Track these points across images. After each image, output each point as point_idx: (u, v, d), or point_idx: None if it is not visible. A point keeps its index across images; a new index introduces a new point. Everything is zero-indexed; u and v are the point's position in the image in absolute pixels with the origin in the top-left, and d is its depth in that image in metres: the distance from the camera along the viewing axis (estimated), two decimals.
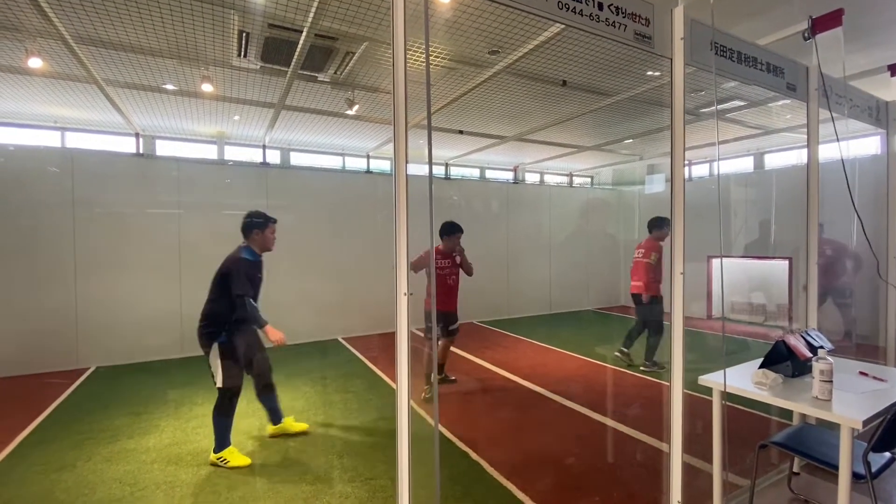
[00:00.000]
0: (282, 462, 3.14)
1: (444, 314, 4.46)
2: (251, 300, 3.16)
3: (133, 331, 5.65)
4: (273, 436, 3.53)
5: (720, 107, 6.06)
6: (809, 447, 2.26)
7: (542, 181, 10.83)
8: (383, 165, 8.80)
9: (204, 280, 6.23)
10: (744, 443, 3.09)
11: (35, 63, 3.88)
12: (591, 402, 4.21)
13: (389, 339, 5.03)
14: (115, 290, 5.56)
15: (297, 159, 8.06)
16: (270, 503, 2.65)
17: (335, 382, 4.88)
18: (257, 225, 3.33)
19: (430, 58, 3.71)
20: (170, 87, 4.96)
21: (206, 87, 4.57)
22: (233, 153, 7.47)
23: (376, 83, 5.02)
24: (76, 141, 6.52)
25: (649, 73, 4.77)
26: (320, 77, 4.70)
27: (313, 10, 3.24)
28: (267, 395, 3.50)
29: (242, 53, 4.09)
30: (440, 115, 6.01)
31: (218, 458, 3.08)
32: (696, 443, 2.75)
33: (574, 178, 11.35)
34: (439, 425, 3.51)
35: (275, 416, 3.54)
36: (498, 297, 8.39)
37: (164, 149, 7.04)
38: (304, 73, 4.53)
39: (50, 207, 5.26)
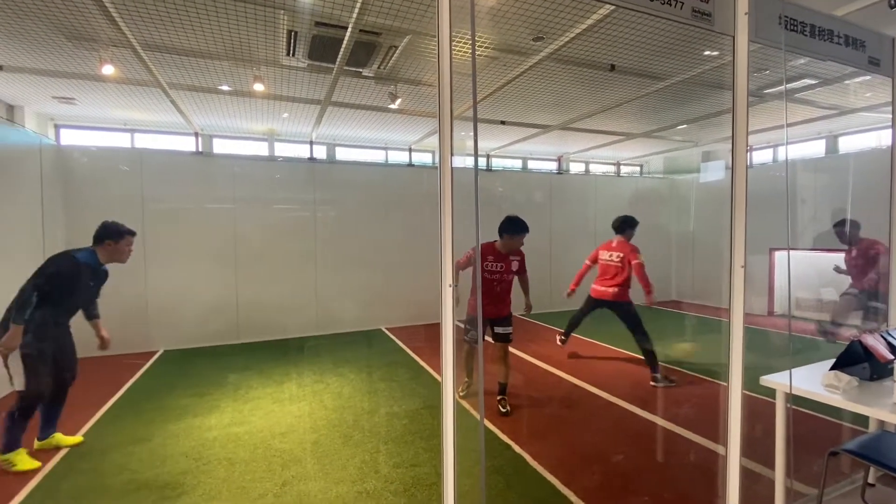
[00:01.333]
0: (331, 445, 3.27)
1: (491, 319, 3.92)
2: (42, 297, 2.88)
3: (196, 317, 6.06)
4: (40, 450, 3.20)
5: (788, 86, 5.60)
6: (888, 457, 2.08)
7: (587, 171, 10.50)
8: (425, 158, 8.86)
9: (257, 270, 6.57)
10: (810, 449, 2.88)
11: (108, 70, 4.20)
12: (639, 399, 4.08)
13: (432, 331, 5.10)
14: (179, 280, 5.97)
15: (342, 154, 8.27)
16: (320, 483, 2.78)
17: (379, 371, 5.01)
18: (111, 236, 3.15)
19: (462, 43, 3.68)
20: (225, 87, 5.22)
21: (258, 87, 4.77)
22: (282, 149, 7.78)
23: (418, 76, 5.03)
24: (144, 141, 7.03)
25: (707, 52, 4.48)
26: (364, 72, 4.77)
27: (358, 5, 3.29)
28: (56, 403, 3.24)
29: (291, 52, 4.22)
30: (482, 105, 5.95)
31: (4, 460, 2.93)
32: (756, 446, 2.60)
33: (622, 167, 10.92)
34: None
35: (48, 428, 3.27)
36: (540, 290, 8.25)
37: (220, 147, 7.43)
38: (349, 69, 4.62)
39: (122, 203, 5.71)
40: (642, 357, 4.75)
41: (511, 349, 4.17)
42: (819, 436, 3.32)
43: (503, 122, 6.80)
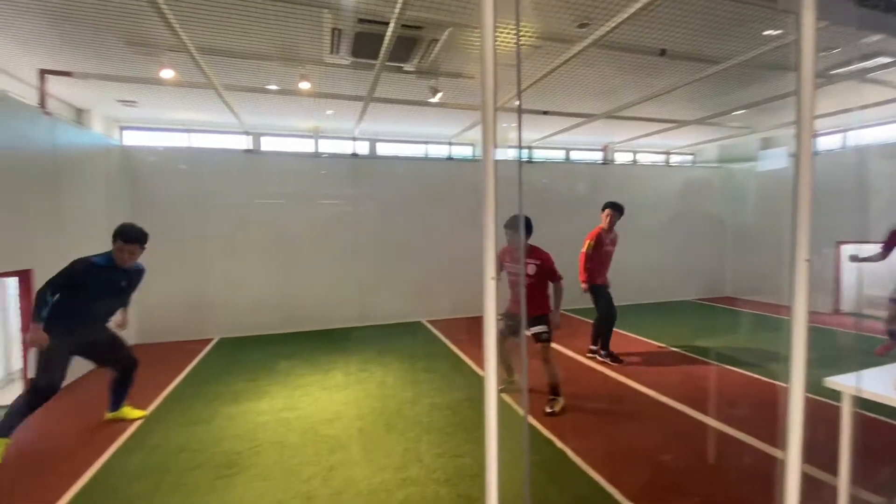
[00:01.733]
0: (375, 432, 3.37)
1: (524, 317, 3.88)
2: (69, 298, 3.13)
3: (246, 307, 6.38)
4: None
5: (861, 65, 5.14)
6: None
7: (634, 161, 10.11)
8: (464, 152, 8.84)
9: (302, 263, 6.79)
10: (880, 457, 2.67)
11: (167, 73, 4.47)
12: (689, 398, 3.92)
13: (473, 323, 5.10)
14: (231, 272, 6.30)
15: (383, 149, 8.39)
16: (365, 469, 2.87)
17: (421, 362, 5.09)
18: (113, 238, 3.26)
19: (506, 32, 3.60)
20: (273, 86, 5.42)
21: (304, 85, 4.92)
22: (326, 146, 7.99)
23: (459, 69, 5.02)
24: (199, 140, 7.43)
25: (767, 32, 4.18)
26: (406, 67, 4.81)
27: (401, 0, 3.31)
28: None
29: (334, 50, 4.32)
30: (524, 95, 5.85)
31: None
32: (818, 452, 2.44)
33: (672, 156, 10.43)
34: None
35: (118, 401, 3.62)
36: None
37: (268, 144, 7.74)
38: (391, 64, 4.67)
39: (180, 199, 6.08)
40: (697, 355, 4.59)
41: (553, 345, 4.11)
42: (890, 443, 3.07)
43: (546, 113, 6.66)
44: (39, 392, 3.10)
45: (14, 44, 4.15)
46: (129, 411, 3.66)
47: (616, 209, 5.08)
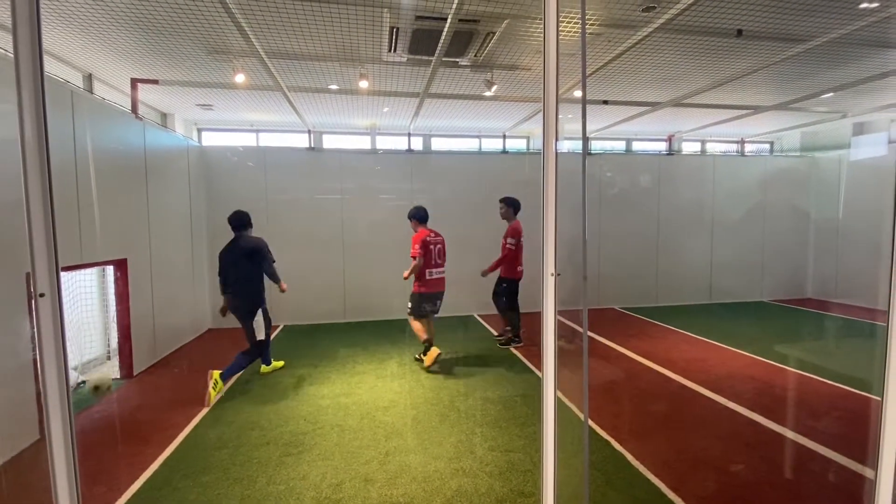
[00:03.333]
0: (429, 422, 3.44)
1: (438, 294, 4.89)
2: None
3: (309, 297, 6.73)
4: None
5: None
6: None
7: (702, 150, 9.47)
8: (518, 145, 8.71)
9: (361, 256, 6.99)
10: None
11: (240, 78, 4.78)
12: (763, 406, 3.64)
13: (525, 319, 4.97)
14: (295, 263, 6.66)
15: (437, 144, 8.46)
16: (420, 457, 2.94)
17: (472, 356, 5.12)
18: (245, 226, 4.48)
19: (577, 25, 3.48)
20: (334, 86, 5.63)
21: (363, 84, 5.07)
22: (383, 142, 8.20)
23: (514, 61, 4.94)
24: (266, 140, 7.90)
25: (864, 5, 3.74)
26: (461, 62, 4.81)
27: None
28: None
29: (393, 48, 4.41)
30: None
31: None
32: None
33: (747, 144, 9.65)
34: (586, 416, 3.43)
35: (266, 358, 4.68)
36: (645, 282, 7.71)
37: (329, 142, 8.07)
38: (446, 59, 4.69)
39: (249, 194, 6.51)
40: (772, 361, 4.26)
41: (611, 343, 4.00)
42: None
43: (605, 102, 6.41)
44: (258, 348, 4.34)
45: (109, 56, 4.62)
46: (276, 364, 4.77)
47: (510, 204, 5.37)
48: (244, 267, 4.26)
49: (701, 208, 7.86)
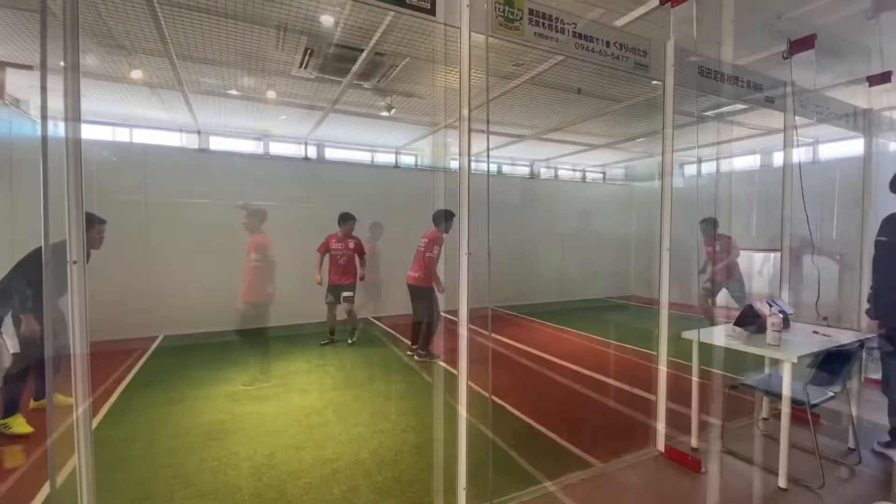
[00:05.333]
0: (344, 401, 3.88)
1: (340, 287, 5.70)
2: None
3: (190, 305, 6.46)
4: None
5: (725, 109, 6.62)
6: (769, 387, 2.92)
7: (556, 176, 11.42)
8: (408, 161, 9.50)
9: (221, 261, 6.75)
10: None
11: (137, 74, 4.65)
12: (594, 366, 4.89)
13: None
14: (182, 268, 6.36)
15: (330, 154, 8.78)
16: (341, 427, 3.38)
17: (368, 350, 5.62)
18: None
19: (473, 72, 4.41)
20: (234, 91, 5.70)
21: (271, 94, 5.30)
22: (276, 148, 8.23)
23: (410, 90, 5.70)
24: (142, 136, 7.33)
25: (655, 81, 5.37)
26: (365, 85, 5.40)
27: (378, 34, 3.93)
28: None
29: (304, 66, 4.80)
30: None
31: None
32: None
33: (587, 173, 11.91)
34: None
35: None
36: (514, 285, 9.06)
37: (216, 144, 7.82)
38: (355, 82, 5.23)
39: (125, 194, 6.07)
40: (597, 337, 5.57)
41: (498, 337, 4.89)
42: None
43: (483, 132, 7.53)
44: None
45: None
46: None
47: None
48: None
49: (554, 222, 9.58)
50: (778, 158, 9.04)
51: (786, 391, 2.58)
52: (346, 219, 5.78)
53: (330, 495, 2.52)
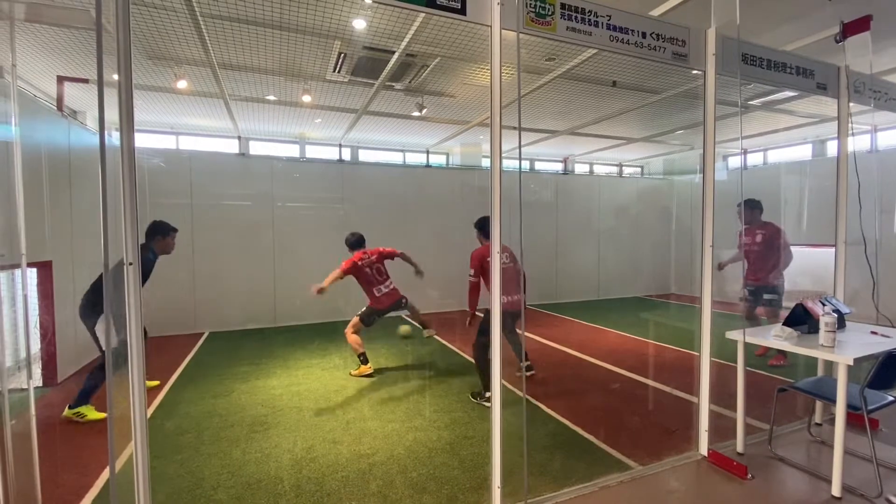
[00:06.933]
0: (380, 397, 3.96)
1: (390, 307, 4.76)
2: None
3: (237, 303, 6.75)
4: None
5: (772, 97, 6.29)
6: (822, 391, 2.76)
7: (591, 171, 11.18)
8: (439, 160, 9.55)
9: (292, 262, 7.22)
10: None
11: (182, 84, 4.90)
12: (632, 366, 4.75)
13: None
14: (225, 269, 6.66)
15: (364, 156, 8.95)
16: (377, 422, 3.45)
17: (411, 345, 5.70)
18: (160, 231, 3.80)
19: (504, 69, 4.37)
20: (271, 97, 5.91)
21: (306, 98, 5.46)
22: (312, 151, 8.47)
23: (441, 89, 5.73)
24: (187, 143, 7.72)
25: (695, 71, 5.16)
26: (397, 86, 5.47)
27: (409, 35, 3.98)
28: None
29: (337, 70, 4.92)
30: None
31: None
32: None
33: (624, 168, 11.59)
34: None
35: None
36: (548, 282, 8.94)
37: (255, 149, 8.13)
38: (387, 83, 5.31)
39: (174, 198, 6.41)
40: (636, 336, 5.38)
41: (531, 335, 4.83)
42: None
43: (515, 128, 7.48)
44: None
45: (31, 49, 4.46)
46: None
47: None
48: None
49: (589, 219, 9.37)
50: (832, 148, 8.49)
51: (840, 395, 2.43)
52: (360, 242, 4.93)
53: (367, 489, 2.58)
